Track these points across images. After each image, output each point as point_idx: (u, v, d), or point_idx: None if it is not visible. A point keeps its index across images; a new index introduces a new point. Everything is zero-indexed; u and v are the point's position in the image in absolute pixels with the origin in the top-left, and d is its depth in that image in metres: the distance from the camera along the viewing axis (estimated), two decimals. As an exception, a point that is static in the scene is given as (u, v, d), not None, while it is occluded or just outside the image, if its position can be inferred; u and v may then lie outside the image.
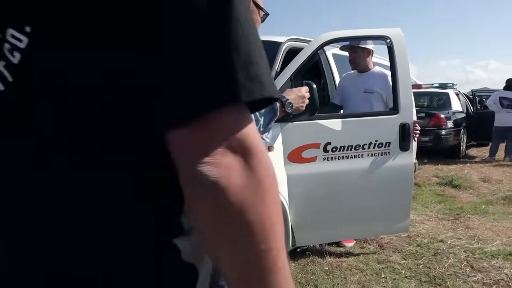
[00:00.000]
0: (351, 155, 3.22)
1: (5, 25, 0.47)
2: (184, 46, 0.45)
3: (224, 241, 0.49)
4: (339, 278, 3.06)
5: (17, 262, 0.52)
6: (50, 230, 0.50)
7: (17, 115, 0.48)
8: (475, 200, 5.74)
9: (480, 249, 3.67)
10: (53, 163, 0.48)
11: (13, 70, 0.47)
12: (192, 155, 0.46)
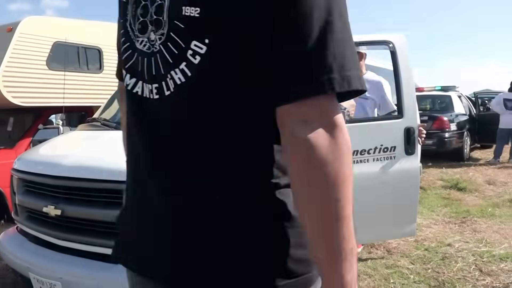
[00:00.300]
0: (357, 160, 3.22)
1: (190, 39, 0.74)
2: (297, 51, 0.69)
3: (304, 184, 0.70)
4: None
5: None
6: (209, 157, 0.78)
7: (195, 94, 0.76)
8: (481, 203, 5.71)
9: (488, 253, 3.65)
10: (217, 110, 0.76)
11: (192, 67, 0.75)
12: (295, 121, 0.69)
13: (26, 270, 2.62)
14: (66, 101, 4.88)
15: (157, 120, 0.82)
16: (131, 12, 0.85)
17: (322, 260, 0.72)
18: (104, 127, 3.32)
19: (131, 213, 0.93)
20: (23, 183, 2.94)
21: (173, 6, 0.76)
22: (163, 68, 0.79)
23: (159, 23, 0.78)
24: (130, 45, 0.86)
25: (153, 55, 0.80)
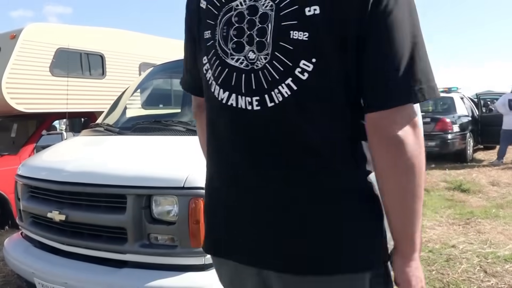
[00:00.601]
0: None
1: (299, 59, 0.89)
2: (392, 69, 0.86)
3: (398, 173, 0.89)
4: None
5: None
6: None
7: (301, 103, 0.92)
8: (485, 204, 5.70)
9: (492, 254, 3.64)
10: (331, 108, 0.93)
11: (299, 83, 0.90)
12: (390, 123, 0.86)
13: (31, 276, 2.63)
14: (69, 107, 4.90)
15: (256, 126, 0.96)
16: (221, 33, 0.98)
17: (400, 233, 0.94)
18: (107, 132, 3.34)
19: (221, 213, 1.05)
20: (28, 189, 2.96)
21: (279, 31, 0.91)
22: (266, 83, 0.93)
23: (261, 45, 0.93)
24: (220, 62, 0.99)
25: (253, 71, 0.94)
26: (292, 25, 0.89)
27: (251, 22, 0.94)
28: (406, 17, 0.88)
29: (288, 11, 0.90)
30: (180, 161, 2.53)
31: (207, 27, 1.02)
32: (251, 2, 0.94)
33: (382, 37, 0.86)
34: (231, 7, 0.97)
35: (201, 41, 1.05)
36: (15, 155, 5.28)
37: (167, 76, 5.17)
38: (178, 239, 2.33)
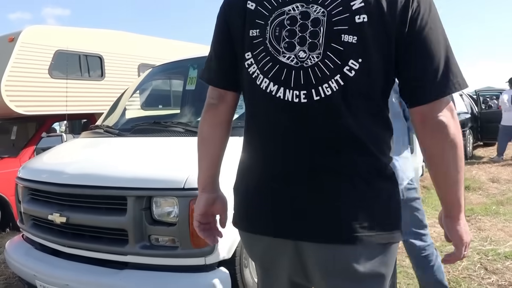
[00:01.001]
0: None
1: (348, 58, 1.05)
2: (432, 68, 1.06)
3: (441, 156, 1.10)
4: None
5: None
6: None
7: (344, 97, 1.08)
8: (485, 201, 5.71)
9: (493, 251, 3.65)
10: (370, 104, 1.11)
11: (346, 79, 1.06)
12: (437, 113, 1.06)
13: (33, 278, 2.64)
14: (69, 108, 4.91)
15: (303, 117, 1.10)
16: (273, 33, 1.12)
17: (449, 199, 1.17)
18: (107, 134, 3.35)
19: (263, 194, 1.18)
20: (28, 191, 2.96)
21: (331, 33, 1.07)
22: (314, 78, 1.08)
23: (313, 45, 1.08)
24: (271, 58, 1.13)
25: (302, 68, 1.09)
26: (343, 30, 1.06)
27: (304, 26, 1.09)
28: (438, 25, 1.08)
29: (340, 17, 1.07)
30: (180, 162, 2.54)
31: (254, 26, 1.15)
32: (303, 8, 1.10)
33: (423, 44, 1.06)
34: (283, 11, 1.12)
35: (244, 38, 1.17)
36: (15, 158, 5.28)
37: (166, 77, 5.18)
38: (179, 240, 2.33)
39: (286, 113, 1.12)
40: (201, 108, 3.50)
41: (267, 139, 1.18)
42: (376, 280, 1.13)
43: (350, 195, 1.09)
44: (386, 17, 1.05)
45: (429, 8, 1.07)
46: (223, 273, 2.43)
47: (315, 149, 1.10)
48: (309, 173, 1.11)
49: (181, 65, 4.13)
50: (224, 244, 2.43)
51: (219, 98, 1.30)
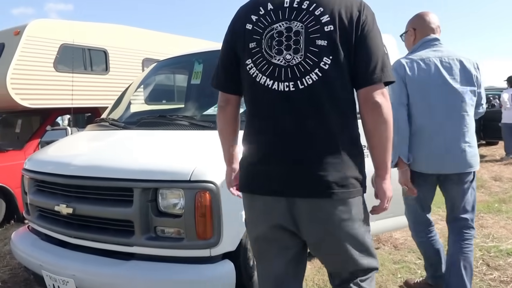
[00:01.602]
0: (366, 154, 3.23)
1: (322, 56, 1.48)
2: (370, 58, 1.51)
3: (376, 128, 1.53)
4: (356, 279, 3.07)
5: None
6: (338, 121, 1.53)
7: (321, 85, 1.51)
8: (488, 199, 5.72)
9: (495, 247, 3.67)
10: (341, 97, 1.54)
11: (322, 71, 1.49)
12: (374, 94, 1.50)
13: (39, 268, 2.67)
14: (73, 102, 4.93)
15: (293, 100, 1.51)
16: (266, 44, 1.54)
17: (380, 162, 1.59)
18: (112, 127, 3.36)
19: (270, 160, 1.56)
20: (34, 183, 2.99)
21: (308, 40, 1.50)
22: (298, 73, 1.50)
23: (296, 50, 1.51)
24: (266, 62, 1.54)
25: (289, 67, 1.51)
26: (317, 36, 1.50)
27: (288, 37, 1.52)
28: (379, 36, 1.55)
29: (314, 28, 1.50)
30: (186, 155, 2.56)
31: (252, 40, 1.57)
32: (287, 25, 1.53)
33: (367, 47, 1.51)
34: (272, 28, 1.55)
35: (245, 49, 1.59)
36: (20, 150, 5.31)
37: (170, 71, 5.19)
38: (184, 232, 2.36)
39: (280, 99, 1.53)
40: (206, 102, 3.54)
41: (265, 119, 1.58)
42: (350, 224, 1.55)
43: (328, 161, 1.49)
44: (345, 26, 1.50)
45: (372, 22, 1.53)
46: (228, 265, 2.45)
47: (300, 123, 1.51)
48: (295, 143, 1.51)
49: (186, 60, 4.14)
50: (229, 236, 2.45)
51: (226, 101, 1.75)
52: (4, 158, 5.16)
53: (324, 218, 1.53)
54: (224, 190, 2.38)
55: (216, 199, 2.35)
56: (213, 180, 2.36)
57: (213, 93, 3.86)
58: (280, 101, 1.52)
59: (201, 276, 2.33)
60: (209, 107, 3.19)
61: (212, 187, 2.34)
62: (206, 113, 3.13)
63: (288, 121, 1.52)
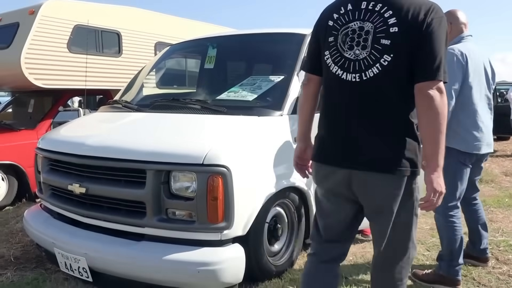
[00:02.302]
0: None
1: (383, 54, 1.68)
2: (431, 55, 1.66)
3: (428, 121, 1.66)
4: (363, 268, 3.08)
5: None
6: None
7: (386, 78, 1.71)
8: (498, 193, 5.68)
9: (504, 242, 3.65)
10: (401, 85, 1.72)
11: (382, 66, 1.69)
12: (429, 88, 1.64)
13: (52, 245, 2.71)
14: (87, 84, 4.94)
15: (358, 89, 1.73)
16: (341, 39, 1.78)
17: (430, 154, 1.67)
18: (125, 109, 3.38)
19: (336, 136, 1.82)
20: (48, 162, 3.02)
21: (375, 39, 1.69)
22: (364, 66, 1.72)
23: (364, 46, 1.72)
24: (340, 55, 1.78)
25: (357, 60, 1.73)
26: (382, 36, 1.69)
27: (359, 35, 1.74)
28: (442, 38, 1.68)
29: (381, 29, 1.70)
30: (199, 139, 2.56)
31: (331, 35, 1.81)
32: (360, 24, 1.74)
33: (430, 47, 1.65)
34: (348, 26, 1.77)
35: (325, 42, 1.84)
36: (33, 130, 5.35)
37: (183, 55, 5.18)
38: (195, 215, 2.37)
39: (348, 87, 1.76)
40: (219, 87, 3.54)
41: (335, 103, 1.83)
42: (395, 200, 1.74)
43: (382, 141, 1.71)
44: (408, 28, 1.66)
45: (438, 25, 1.66)
46: (238, 249, 2.47)
47: (364, 109, 1.74)
48: (356, 126, 1.74)
49: (200, 44, 4.12)
50: (240, 221, 2.46)
51: (308, 80, 1.99)
52: (16, 137, 5.21)
53: (373, 191, 1.76)
54: (236, 174, 2.40)
55: (228, 183, 2.36)
56: (226, 164, 2.37)
57: (226, 78, 3.93)
58: (347, 89, 1.76)
59: (211, 259, 2.35)
60: (222, 92, 3.18)
61: (224, 171, 2.35)
62: (219, 98, 3.13)
63: (353, 106, 1.75)
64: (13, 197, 5.08)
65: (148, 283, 2.47)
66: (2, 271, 3.12)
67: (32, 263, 3.25)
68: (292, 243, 3.02)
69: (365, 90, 1.73)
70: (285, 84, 3.02)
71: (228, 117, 2.81)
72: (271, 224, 2.84)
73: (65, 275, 2.86)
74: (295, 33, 3.43)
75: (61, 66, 5.62)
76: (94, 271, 2.54)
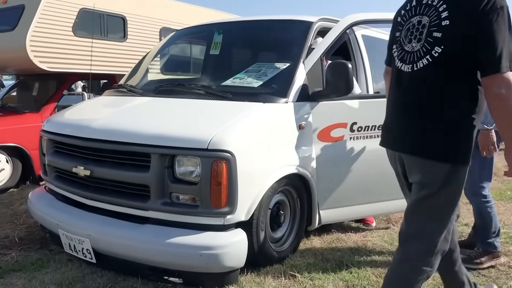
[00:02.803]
0: (375, 135, 3.24)
1: (435, 46, 1.78)
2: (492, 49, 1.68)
3: (497, 115, 1.72)
4: (364, 255, 3.11)
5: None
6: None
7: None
8: (500, 186, 5.68)
9: (506, 234, 3.66)
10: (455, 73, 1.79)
11: (432, 57, 1.79)
12: (493, 85, 1.67)
13: (56, 227, 2.74)
14: (91, 68, 4.93)
15: (411, 78, 1.86)
16: (403, 35, 1.92)
17: (505, 138, 1.74)
18: (130, 93, 3.38)
19: (392, 123, 2.01)
20: (53, 144, 3.03)
21: (428, 32, 1.80)
22: (416, 58, 1.83)
23: (419, 39, 1.83)
24: (401, 48, 1.93)
25: (413, 52, 1.85)
26: (435, 29, 1.78)
27: (417, 28, 1.86)
28: (502, 28, 1.66)
29: (434, 23, 1.79)
30: (204, 124, 2.57)
31: (398, 30, 1.99)
32: (419, 18, 1.86)
33: (487, 38, 1.66)
34: (410, 21, 1.91)
35: (394, 37, 2.03)
36: (37, 113, 5.36)
37: (188, 41, 5.16)
38: (199, 199, 2.39)
39: (403, 78, 1.91)
40: (224, 72, 3.53)
41: (395, 92, 2.00)
42: (434, 185, 1.82)
43: (429, 127, 1.80)
44: (460, 21, 1.72)
45: (496, 15, 1.65)
46: (241, 234, 2.49)
47: (414, 97, 1.87)
48: (409, 112, 1.88)
49: (206, 29, 4.10)
50: (243, 207, 2.48)
51: (386, 71, 2.24)
52: (21, 120, 5.22)
53: (418, 173, 1.87)
54: (240, 160, 2.41)
55: (232, 168, 2.37)
56: (230, 150, 2.37)
57: (232, 64, 3.91)
58: (403, 79, 1.92)
59: (213, 243, 2.37)
60: (228, 78, 3.18)
61: (229, 157, 2.36)
62: (224, 84, 3.12)
63: (407, 94, 1.90)
64: (17, 179, 5.10)
65: (151, 266, 2.49)
66: (7, 251, 3.15)
67: (36, 244, 3.28)
68: (294, 230, 3.04)
69: (416, 79, 1.85)
70: (291, 72, 3.01)
71: (233, 103, 2.81)
72: (273, 210, 2.85)
73: (69, 256, 2.89)
74: (302, 21, 3.41)
75: (66, 49, 5.60)
76: (97, 253, 2.57)
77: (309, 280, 2.69)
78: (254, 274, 2.72)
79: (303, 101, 2.94)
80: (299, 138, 2.89)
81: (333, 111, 3.10)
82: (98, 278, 2.65)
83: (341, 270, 2.85)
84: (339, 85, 2.86)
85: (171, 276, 2.51)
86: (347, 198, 3.24)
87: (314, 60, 3.07)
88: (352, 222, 3.82)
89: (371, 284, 2.67)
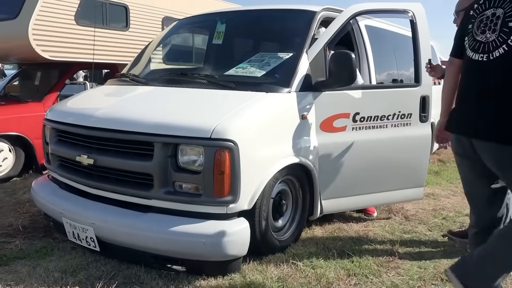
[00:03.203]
0: (377, 125, 3.26)
1: (510, 35, 1.90)
2: None
3: None
4: (366, 245, 3.13)
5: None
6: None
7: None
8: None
9: (506, 224, 3.67)
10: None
11: (509, 47, 1.89)
12: None
13: (60, 215, 2.76)
14: (94, 57, 4.92)
15: (483, 69, 1.98)
16: (476, 26, 2.03)
17: None
18: (133, 82, 3.38)
19: (463, 111, 2.12)
20: (56, 133, 3.04)
21: (504, 23, 1.90)
22: (491, 47, 1.94)
23: (494, 30, 1.94)
24: (473, 39, 2.04)
25: (487, 43, 1.96)
26: (510, 20, 1.88)
27: (491, 20, 1.96)
28: None
29: (509, 13, 1.89)
30: (207, 113, 2.58)
31: (470, 23, 2.08)
32: (493, 11, 1.97)
33: None
34: (483, 14, 2.01)
35: (466, 29, 2.12)
36: (39, 102, 5.36)
37: (191, 30, 5.14)
38: (202, 188, 2.40)
39: (477, 67, 2.01)
40: (227, 62, 3.53)
41: (467, 81, 2.12)
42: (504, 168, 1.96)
43: (502, 114, 1.89)
44: None
45: None
46: (243, 223, 2.51)
47: (487, 85, 1.96)
48: (481, 99, 1.98)
49: (209, 19, 4.08)
50: (246, 196, 2.49)
51: (450, 61, 2.30)
52: (23, 109, 5.23)
53: (489, 157, 1.99)
54: (243, 149, 2.42)
55: (235, 158, 2.38)
56: (233, 139, 2.38)
57: (235, 54, 3.90)
58: (476, 68, 2.02)
59: (216, 231, 2.39)
60: (231, 68, 3.18)
61: (232, 146, 2.37)
62: (227, 73, 3.12)
63: (480, 82, 2.00)
64: (20, 168, 5.12)
65: (154, 254, 2.52)
66: (11, 239, 3.18)
67: (40, 233, 3.31)
68: (296, 219, 3.06)
69: (491, 68, 1.95)
70: (294, 61, 3.00)
71: (236, 93, 2.81)
72: (276, 199, 2.87)
73: (72, 245, 2.92)
74: (305, 10, 3.40)
75: (68, 38, 5.59)
76: (101, 241, 2.59)
77: (310, 268, 2.71)
78: (257, 263, 2.74)
79: (306, 91, 2.94)
80: (301, 128, 2.89)
81: (336, 101, 3.10)
82: (102, 266, 2.68)
83: (343, 259, 2.87)
84: (342, 75, 2.86)
85: (174, 264, 2.53)
86: (349, 188, 3.25)
87: (317, 50, 3.06)
88: (354, 212, 3.84)
89: (372, 273, 2.70)
